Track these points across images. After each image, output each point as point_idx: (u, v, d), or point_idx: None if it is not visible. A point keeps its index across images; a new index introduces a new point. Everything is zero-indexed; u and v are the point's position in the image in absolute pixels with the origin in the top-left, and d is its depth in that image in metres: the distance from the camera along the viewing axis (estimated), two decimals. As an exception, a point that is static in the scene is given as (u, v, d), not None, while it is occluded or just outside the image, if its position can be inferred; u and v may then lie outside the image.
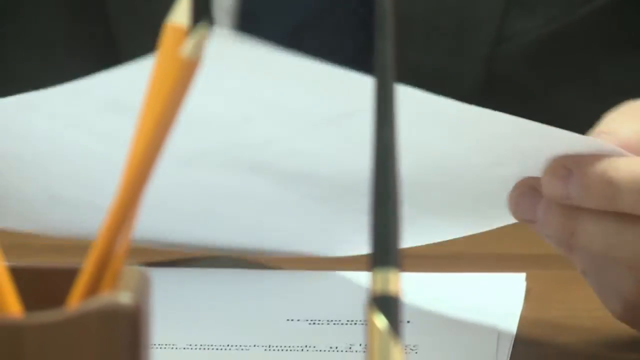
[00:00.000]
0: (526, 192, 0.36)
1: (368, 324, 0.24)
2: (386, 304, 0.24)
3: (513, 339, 0.42)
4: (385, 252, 0.25)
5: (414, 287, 0.29)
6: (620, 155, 0.35)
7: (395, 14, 0.25)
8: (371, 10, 0.56)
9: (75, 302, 0.24)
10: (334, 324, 0.40)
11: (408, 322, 0.33)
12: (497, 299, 0.46)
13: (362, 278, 0.26)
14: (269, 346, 0.43)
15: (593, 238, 0.36)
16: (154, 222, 0.40)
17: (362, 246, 0.33)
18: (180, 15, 0.28)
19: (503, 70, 0.53)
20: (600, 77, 0.46)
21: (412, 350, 0.39)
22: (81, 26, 0.65)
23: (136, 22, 0.61)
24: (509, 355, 0.41)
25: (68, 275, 0.24)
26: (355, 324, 0.33)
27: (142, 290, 0.24)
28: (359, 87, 0.34)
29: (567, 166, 0.35)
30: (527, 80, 0.51)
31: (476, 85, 0.52)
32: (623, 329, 0.41)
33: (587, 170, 0.35)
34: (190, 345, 0.43)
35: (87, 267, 0.24)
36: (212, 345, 0.43)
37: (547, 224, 0.36)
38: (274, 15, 0.57)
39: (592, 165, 0.35)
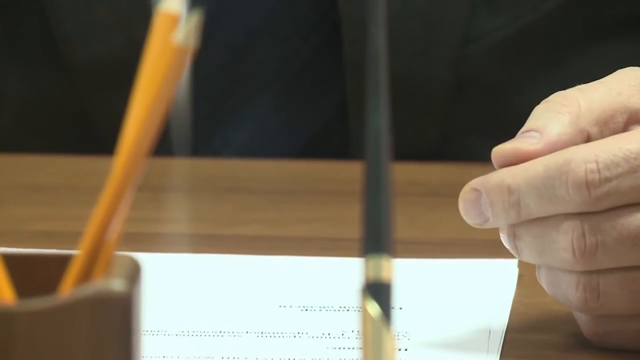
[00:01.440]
0: (471, 198, 0.37)
1: (361, 310, 0.24)
2: (378, 290, 0.25)
3: (505, 325, 0.43)
4: (377, 239, 0.26)
5: (406, 274, 0.29)
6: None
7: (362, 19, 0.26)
8: (325, 14, 0.56)
9: (68, 289, 0.24)
10: (327, 310, 0.40)
11: (400, 308, 0.33)
12: (489, 285, 0.47)
13: (355, 264, 0.26)
14: (262, 332, 0.43)
15: (526, 245, 0.38)
16: None
17: None
18: (172, 2, 0.28)
19: (472, 71, 0.54)
20: (568, 70, 0.47)
21: (405, 336, 0.40)
22: (21, 30, 0.65)
23: (78, 26, 0.61)
24: (502, 342, 0.41)
25: (60, 262, 0.25)
26: (348, 310, 0.34)
27: (134, 277, 0.24)
28: None
29: (474, 187, 0.37)
30: (496, 79, 0.52)
31: (446, 87, 0.53)
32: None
33: (489, 186, 0.37)
34: (182, 331, 0.43)
35: (80, 254, 0.25)
36: (204, 332, 0.43)
37: (496, 227, 0.38)
38: (231, 16, 0.57)
39: (493, 179, 0.37)
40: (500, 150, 0.38)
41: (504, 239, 0.39)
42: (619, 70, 0.38)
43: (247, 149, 0.57)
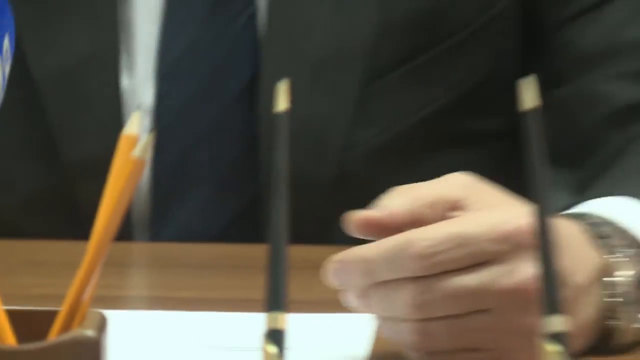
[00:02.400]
0: (335, 267, 0.47)
1: (263, 349, 0.34)
2: (276, 336, 0.35)
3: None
4: (276, 300, 0.36)
5: (294, 325, 0.38)
6: None
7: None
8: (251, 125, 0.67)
9: (54, 335, 0.33)
10: (241, 349, 0.49)
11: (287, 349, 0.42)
12: (350, 335, 0.53)
13: (261, 318, 0.36)
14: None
15: (375, 302, 0.47)
16: None
17: None
18: (132, 127, 0.38)
19: (352, 168, 0.65)
20: (424, 170, 0.56)
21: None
22: (24, 131, 0.71)
23: (76, 125, 0.69)
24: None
25: (49, 316, 0.34)
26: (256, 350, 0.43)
27: (102, 327, 0.34)
28: None
29: (338, 260, 0.46)
30: (371, 174, 0.62)
31: (330, 181, 0.64)
32: None
33: (350, 258, 0.46)
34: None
35: (63, 310, 0.34)
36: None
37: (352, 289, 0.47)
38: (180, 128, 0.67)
39: (353, 252, 0.46)
40: (356, 215, 0.48)
41: (352, 299, 0.47)
42: (451, 173, 0.48)
43: (186, 231, 0.66)
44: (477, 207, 0.46)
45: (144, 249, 0.67)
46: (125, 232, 0.36)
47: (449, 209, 0.46)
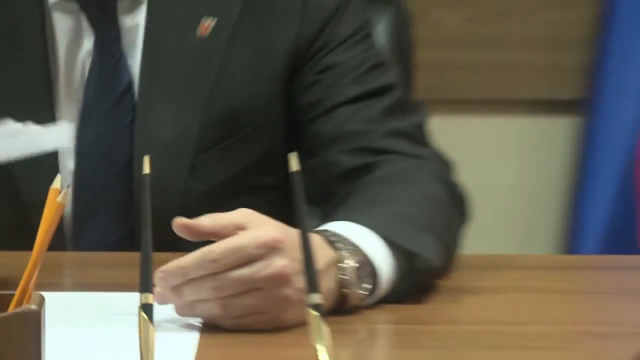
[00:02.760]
0: (159, 275, 0.71)
1: (139, 318, 0.58)
2: (146, 309, 0.58)
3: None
4: (145, 285, 0.59)
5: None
6: None
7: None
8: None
9: (12, 309, 0.56)
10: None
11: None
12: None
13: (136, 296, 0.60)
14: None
15: (187, 294, 0.73)
16: None
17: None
18: (56, 184, 0.60)
19: (190, 206, 0.95)
20: (232, 207, 0.79)
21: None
22: None
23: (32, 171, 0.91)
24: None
25: (8, 298, 0.56)
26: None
27: (41, 304, 0.56)
28: None
29: (160, 270, 0.71)
30: (202, 209, 0.80)
31: (177, 213, 0.83)
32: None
33: (169, 267, 0.72)
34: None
35: (17, 294, 0.56)
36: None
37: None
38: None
39: (171, 264, 0.72)
40: (177, 220, 0.72)
41: (167, 295, 0.73)
42: (242, 209, 0.75)
43: (95, 244, 0.96)
44: (252, 227, 0.73)
45: (68, 255, 0.96)
46: (55, 244, 0.58)
47: (236, 228, 0.73)
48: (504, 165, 1.72)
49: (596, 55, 1.61)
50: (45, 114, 0.94)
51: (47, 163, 0.89)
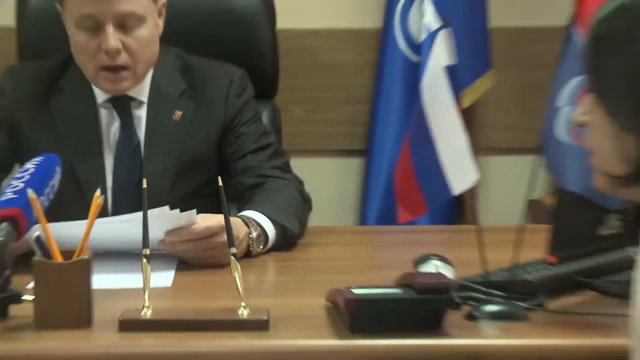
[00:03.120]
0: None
1: (142, 262, 1.09)
2: (146, 257, 1.09)
3: None
4: (145, 242, 1.10)
5: None
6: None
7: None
8: None
9: (74, 259, 1.05)
10: None
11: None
12: None
13: None
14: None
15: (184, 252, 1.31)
16: None
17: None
18: (97, 192, 1.09)
19: None
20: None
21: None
22: None
23: None
24: None
25: (72, 253, 1.05)
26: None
27: (91, 256, 1.05)
28: None
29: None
30: None
31: None
32: None
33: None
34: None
35: (77, 250, 1.05)
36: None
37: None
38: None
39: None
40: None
41: (167, 246, 1.30)
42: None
43: None
44: (209, 220, 1.30)
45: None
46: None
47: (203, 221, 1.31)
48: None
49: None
50: (97, 161, 1.57)
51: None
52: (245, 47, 1.76)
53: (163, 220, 1.26)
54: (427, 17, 1.67)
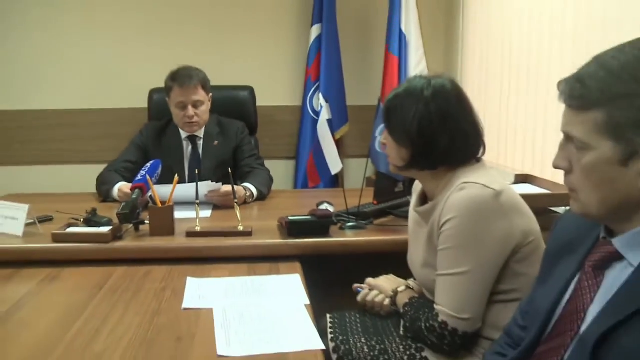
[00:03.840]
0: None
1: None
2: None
3: None
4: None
5: None
6: None
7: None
8: None
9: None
10: None
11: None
12: None
13: None
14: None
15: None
16: None
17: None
18: (175, 177, 2.37)
19: None
20: None
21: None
22: None
23: None
24: None
25: (165, 204, 2.33)
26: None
27: (174, 205, 2.32)
28: None
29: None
30: None
31: None
32: None
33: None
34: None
35: (167, 201, 2.33)
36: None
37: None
38: None
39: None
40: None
41: (207, 198, 2.64)
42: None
43: None
44: (226, 187, 2.68)
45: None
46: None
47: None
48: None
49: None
50: (180, 163, 2.93)
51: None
52: (244, 113, 3.32)
53: (207, 186, 2.54)
54: (320, 99, 3.06)
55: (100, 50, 3.88)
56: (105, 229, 2.19)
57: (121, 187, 2.75)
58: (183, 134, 3.01)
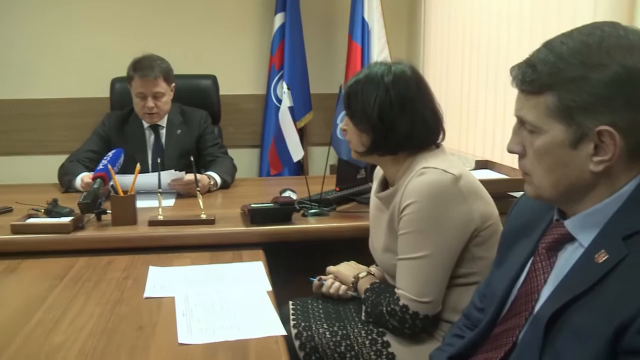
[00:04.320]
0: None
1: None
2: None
3: None
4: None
5: None
6: None
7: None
8: None
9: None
10: None
11: None
12: None
13: None
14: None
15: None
16: None
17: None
18: (137, 166, 2.35)
19: None
20: None
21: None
22: None
23: None
24: None
25: (128, 194, 2.30)
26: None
27: (136, 195, 2.30)
28: None
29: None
30: None
31: None
32: None
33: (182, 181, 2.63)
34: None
35: (129, 190, 2.31)
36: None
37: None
38: None
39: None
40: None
41: (170, 187, 2.61)
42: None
43: None
44: (189, 175, 2.67)
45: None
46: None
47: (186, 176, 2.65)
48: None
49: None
50: (143, 152, 2.89)
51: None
52: (207, 102, 3.28)
53: (171, 175, 2.54)
54: (284, 87, 3.03)
55: (61, 39, 3.81)
56: (66, 219, 2.16)
57: (84, 177, 2.72)
58: (145, 124, 2.99)
